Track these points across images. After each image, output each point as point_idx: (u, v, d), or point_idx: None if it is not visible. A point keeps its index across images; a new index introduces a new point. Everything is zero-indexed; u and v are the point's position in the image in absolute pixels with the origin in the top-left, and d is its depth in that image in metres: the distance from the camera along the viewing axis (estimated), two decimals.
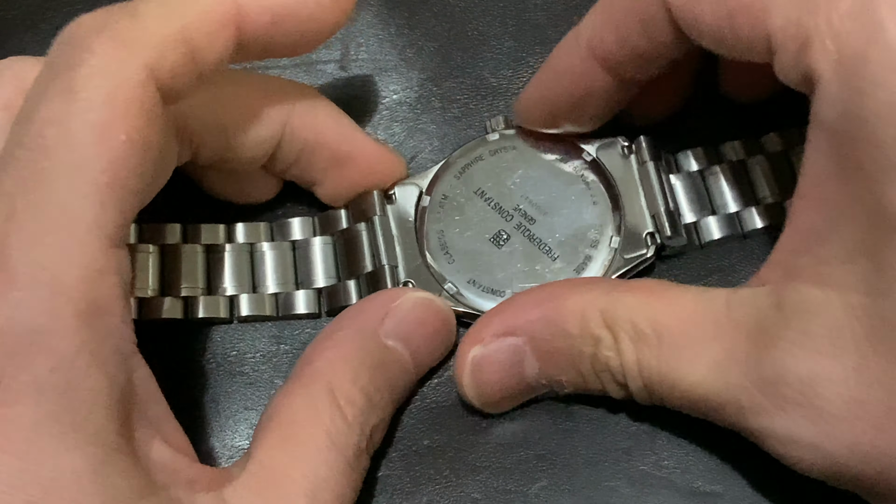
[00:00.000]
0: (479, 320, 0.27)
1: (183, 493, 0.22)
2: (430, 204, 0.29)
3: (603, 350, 0.24)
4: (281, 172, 0.30)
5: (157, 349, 0.29)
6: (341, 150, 0.29)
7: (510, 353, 0.26)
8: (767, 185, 0.29)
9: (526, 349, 0.26)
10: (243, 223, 0.30)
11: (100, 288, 0.21)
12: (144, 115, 0.22)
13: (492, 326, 0.26)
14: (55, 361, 0.20)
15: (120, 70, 0.22)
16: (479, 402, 0.27)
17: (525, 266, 0.28)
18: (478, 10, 0.33)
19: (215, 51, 0.24)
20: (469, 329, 0.27)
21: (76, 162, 0.21)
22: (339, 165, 0.29)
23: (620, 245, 0.28)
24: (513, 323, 0.26)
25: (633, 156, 0.29)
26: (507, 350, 0.26)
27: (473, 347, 0.26)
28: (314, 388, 0.25)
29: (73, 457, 0.20)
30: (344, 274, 0.29)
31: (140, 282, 0.28)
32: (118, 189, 0.22)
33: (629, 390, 0.25)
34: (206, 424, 0.28)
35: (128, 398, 0.22)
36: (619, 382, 0.25)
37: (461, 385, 0.27)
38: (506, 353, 0.26)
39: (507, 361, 0.26)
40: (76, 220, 0.21)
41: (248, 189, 0.30)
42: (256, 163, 0.29)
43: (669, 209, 0.28)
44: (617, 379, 0.25)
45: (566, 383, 0.26)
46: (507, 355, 0.26)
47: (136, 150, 0.22)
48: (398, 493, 0.27)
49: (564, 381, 0.26)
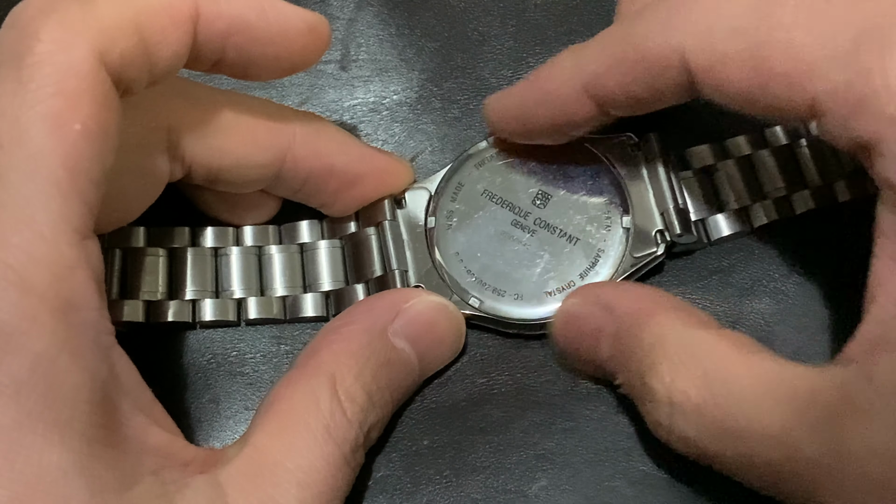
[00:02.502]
0: (592, 283, 0.27)
1: (177, 475, 0.22)
2: (440, 206, 0.29)
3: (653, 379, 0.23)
4: (286, 196, 0.29)
5: (157, 349, 0.29)
6: (350, 173, 0.28)
7: (594, 325, 0.26)
8: (773, 179, 0.29)
9: (609, 330, 0.26)
10: (251, 226, 0.30)
11: (72, 283, 0.21)
12: (97, 102, 0.22)
13: (596, 293, 0.26)
14: (33, 362, 0.20)
15: (69, 57, 0.21)
16: (559, 349, 0.27)
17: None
18: (478, 10, 0.33)
19: (169, 45, 0.23)
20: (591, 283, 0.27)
21: (32, 157, 0.21)
22: (349, 187, 0.29)
23: (633, 230, 0.28)
24: (611, 301, 0.26)
25: (641, 153, 0.29)
26: (593, 319, 0.26)
27: (570, 300, 0.27)
28: (317, 380, 0.25)
29: (58, 453, 0.20)
30: (352, 278, 0.29)
31: (148, 285, 0.28)
32: (79, 180, 0.21)
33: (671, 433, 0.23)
34: (206, 424, 0.28)
35: (112, 390, 0.21)
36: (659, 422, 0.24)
37: (551, 328, 0.27)
38: (591, 322, 0.26)
39: (588, 329, 0.26)
40: (40, 217, 0.21)
41: (242, 211, 0.30)
42: (252, 187, 0.28)
43: (679, 206, 0.28)
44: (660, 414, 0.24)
45: (622, 385, 0.26)
46: (591, 324, 0.26)
47: (92, 138, 0.21)
48: (398, 493, 0.27)
49: (621, 382, 0.25)
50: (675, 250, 0.29)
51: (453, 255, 0.29)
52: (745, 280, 0.29)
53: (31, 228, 0.20)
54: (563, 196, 0.29)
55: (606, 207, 0.29)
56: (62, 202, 0.21)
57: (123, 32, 0.22)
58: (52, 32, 0.21)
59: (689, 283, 0.29)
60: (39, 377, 0.20)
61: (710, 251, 0.29)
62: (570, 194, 0.29)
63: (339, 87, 0.32)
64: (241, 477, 0.23)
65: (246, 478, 0.23)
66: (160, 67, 0.24)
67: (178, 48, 0.24)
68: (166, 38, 0.23)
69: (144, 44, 0.23)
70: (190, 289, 0.29)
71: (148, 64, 0.23)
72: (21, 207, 0.20)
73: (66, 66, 0.21)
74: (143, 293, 0.28)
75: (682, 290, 0.29)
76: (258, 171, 0.28)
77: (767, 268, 0.29)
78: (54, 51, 0.21)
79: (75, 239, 0.21)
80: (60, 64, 0.21)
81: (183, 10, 0.23)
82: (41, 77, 0.21)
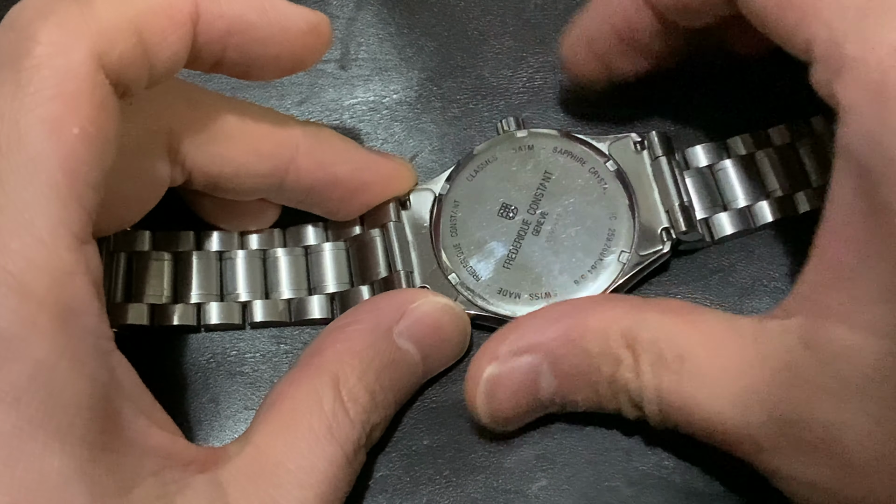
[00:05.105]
0: (495, 335, 0.26)
1: (178, 475, 0.22)
2: (444, 207, 0.29)
3: (622, 371, 0.24)
4: (290, 204, 0.29)
5: (157, 349, 0.29)
6: (354, 181, 0.28)
7: (526, 373, 0.25)
8: (777, 178, 0.29)
9: (543, 367, 0.25)
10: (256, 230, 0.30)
11: (71, 288, 0.21)
12: (96, 105, 0.21)
13: (508, 343, 0.25)
14: (33, 368, 0.20)
15: (67, 60, 0.21)
16: (489, 421, 0.26)
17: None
18: (478, 9, 0.33)
19: (169, 46, 0.23)
20: (484, 344, 0.26)
21: (31, 161, 0.20)
22: (353, 195, 0.29)
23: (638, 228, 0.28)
24: (531, 340, 0.25)
25: (646, 151, 0.29)
26: (523, 369, 0.25)
27: (489, 366, 0.25)
28: (320, 380, 0.25)
29: (59, 459, 0.20)
30: (357, 279, 0.29)
31: (153, 289, 0.28)
32: (78, 184, 0.21)
33: (644, 413, 0.25)
34: (205, 424, 0.28)
35: (112, 394, 0.21)
36: (636, 404, 0.25)
37: (473, 405, 0.26)
38: (522, 373, 0.25)
39: (522, 381, 0.25)
40: (39, 222, 0.20)
41: (242, 219, 0.30)
42: (253, 195, 0.28)
43: (683, 204, 0.28)
44: (634, 401, 0.24)
45: (581, 402, 0.26)
46: (523, 374, 0.25)
47: (90, 142, 0.21)
48: (398, 493, 0.27)
49: (580, 400, 0.25)
50: (680, 248, 0.29)
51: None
52: (745, 280, 0.29)
53: (31, 233, 0.20)
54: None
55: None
56: (61, 207, 0.21)
57: (122, 34, 0.22)
58: (51, 35, 0.21)
59: (689, 282, 0.29)
60: (39, 384, 0.20)
61: (711, 251, 0.29)
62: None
63: (339, 86, 0.32)
64: (243, 476, 0.23)
65: (247, 477, 0.23)
66: (159, 69, 0.23)
67: (178, 49, 0.23)
68: (166, 39, 0.23)
69: (143, 45, 0.23)
70: (195, 292, 0.29)
71: (147, 65, 0.23)
72: (20, 212, 0.20)
73: (65, 69, 0.21)
74: (149, 297, 0.28)
75: (683, 290, 0.29)
76: (259, 180, 0.28)
77: (767, 268, 0.29)
78: (53, 53, 0.21)
79: (74, 244, 0.21)
80: (59, 67, 0.21)
81: (183, 11, 0.23)
82: (39, 80, 0.21)
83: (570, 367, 0.25)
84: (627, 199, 0.29)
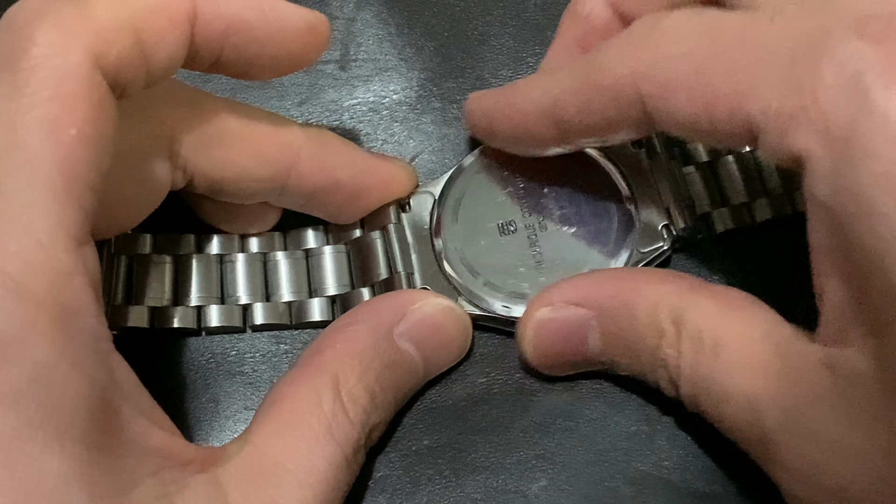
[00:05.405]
0: (551, 286, 0.27)
1: (178, 475, 0.22)
2: (444, 209, 0.29)
3: (664, 346, 0.24)
4: (291, 208, 0.29)
5: (156, 349, 0.29)
6: (355, 185, 0.28)
7: (576, 323, 0.26)
8: (777, 174, 0.29)
9: (593, 323, 0.26)
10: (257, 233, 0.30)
11: (70, 290, 0.21)
12: (94, 106, 0.21)
13: (563, 292, 0.26)
14: (32, 370, 0.20)
15: (65, 61, 0.21)
16: (535, 362, 0.27)
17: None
18: (478, 10, 0.33)
19: (167, 47, 0.23)
20: (540, 292, 0.27)
21: (29, 163, 0.20)
22: (355, 199, 0.29)
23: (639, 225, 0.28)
24: (586, 294, 0.26)
25: (645, 149, 0.29)
26: (574, 319, 0.26)
27: (541, 309, 0.26)
28: (319, 380, 0.25)
29: (58, 460, 0.20)
30: (358, 282, 0.29)
31: (154, 291, 0.28)
32: (76, 186, 0.21)
33: (679, 392, 0.25)
34: (205, 424, 0.28)
35: (111, 395, 0.21)
36: (673, 382, 0.25)
37: (521, 341, 0.27)
38: (572, 322, 0.26)
39: (571, 330, 0.26)
40: (37, 224, 0.20)
41: (243, 222, 0.30)
42: (254, 199, 0.28)
43: (684, 201, 0.28)
44: (672, 377, 0.25)
45: (624, 367, 0.26)
46: (573, 324, 0.26)
47: (88, 143, 0.21)
48: (398, 493, 0.27)
49: (623, 364, 0.26)
50: (681, 245, 0.29)
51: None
52: (745, 278, 0.29)
53: (29, 235, 0.20)
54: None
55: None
56: (59, 208, 0.21)
57: (119, 34, 0.22)
58: (48, 35, 0.21)
59: None
60: (39, 385, 0.20)
61: (711, 247, 0.29)
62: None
63: (339, 86, 0.32)
64: (242, 476, 0.23)
65: (247, 477, 0.23)
66: (157, 69, 0.23)
67: (176, 49, 0.23)
68: (163, 39, 0.23)
69: (141, 45, 0.23)
70: (195, 295, 0.29)
71: (145, 66, 0.23)
72: (18, 214, 0.20)
73: (62, 70, 0.21)
74: (149, 299, 0.28)
75: None
76: (260, 184, 0.28)
77: (767, 268, 0.29)
78: (50, 54, 0.21)
79: (72, 245, 0.21)
80: (56, 68, 0.21)
81: (180, 11, 0.23)
82: (37, 81, 0.21)
83: (617, 329, 0.25)
84: (627, 196, 0.29)
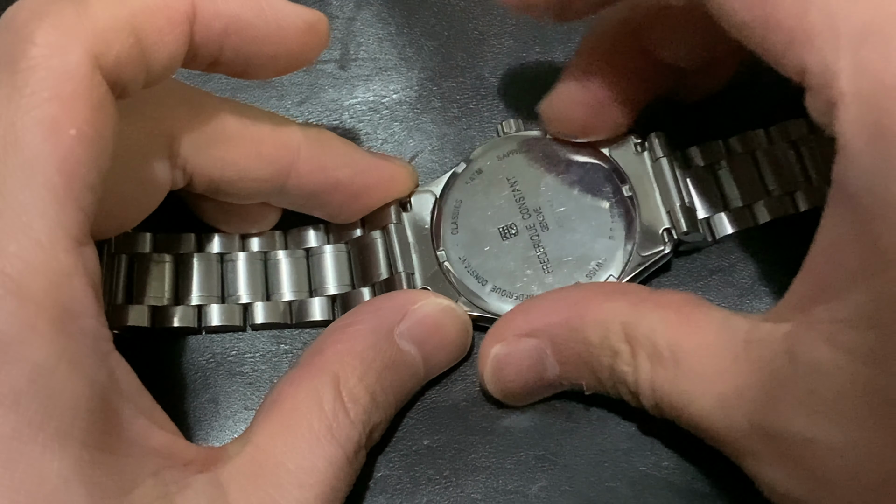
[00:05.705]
0: (502, 318, 0.27)
1: (178, 475, 0.22)
2: (445, 209, 0.29)
3: (620, 364, 0.25)
4: (291, 208, 0.29)
5: (156, 349, 0.29)
6: (355, 185, 0.28)
7: (531, 354, 0.26)
8: (777, 176, 0.29)
9: (546, 351, 0.26)
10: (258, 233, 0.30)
11: (69, 291, 0.21)
12: (93, 106, 0.21)
13: (514, 326, 0.26)
14: (32, 371, 0.20)
15: (64, 61, 0.21)
16: (500, 397, 0.27)
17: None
18: (478, 9, 0.33)
19: (166, 46, 0.23)
20: (492, 326, 0.27)
21: (28, 163, 0.20)
22: (355, 199, 0.29)
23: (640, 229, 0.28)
24: (535, 324, 0.26)
25: (647, 153, 0.29)
26: (527, 350, 0.26)
27: (495, 345, 0.26)
28: (320, 380, 0.25)
29: (58, 461, 0.20)
30: (358, 281, 0.29)
31: (155, 290, 0.28)
32: (75, 186, 0.21)
33: (642, 404, 0.25)
34: (205, 424, 0.28)
35: (111, 395, 0.21)
36: (634, 396, 0.25)
37: (483, 380, 0.27)
38: (526, 354, 0.26)
39: (527, 361, 0.26)
40: (36, 224, 0.20)
41: (242, 222, 0.30)
42: (254, 199, 0.28)
43: (685, 204, 0.28)
44: (632, 392, 0.25)
45: (586, 386, 0.26)
46: (527, 355, 0.26)
47: (88, 143, 0.21)
48: (398, 493, 0.27)
49: (584, 384, 0.26)
50: (682, 248, 0.29)
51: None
52: (745, 280, 0.29)
53: (28, 236, 0.20)
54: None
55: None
56: (59, 209, 0.21)
57: (119, 34, 0.22)
58: (47, 35, 0.21)
59: (689, 282, 0.29)
60: (39, 386, 0.20)
61: (711, 250, 0.29)
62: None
63: (339, 86, 0.32)
64: (243, 476, 0.23)
65: (247, 477, 0.23)
66: (157, 69, 0.23)
67: (175, 49, 0.23)
68: (163, 39, 0.23)
69: (140, 45, 0.23)
70: (196, 294, 0.29)
71: (144, 65, 0.23)
72: (17, 214, 0.20)
73: (61, 71, 0.21)
74: (149, 298, 0.28)
75: (683, 290, 0.29)
76: (260, 184, 0.28)
77: (767, 268, 0.29)
78: (49, 55, 0.21)
79: (72, 246, 0.21)
80: (55, 68, 0.21)
81: (179, 10, 0.23)
82: (36, 81, 0.21)
83: (571, 354, 0.25)
84: (629, 200, 0.29)
